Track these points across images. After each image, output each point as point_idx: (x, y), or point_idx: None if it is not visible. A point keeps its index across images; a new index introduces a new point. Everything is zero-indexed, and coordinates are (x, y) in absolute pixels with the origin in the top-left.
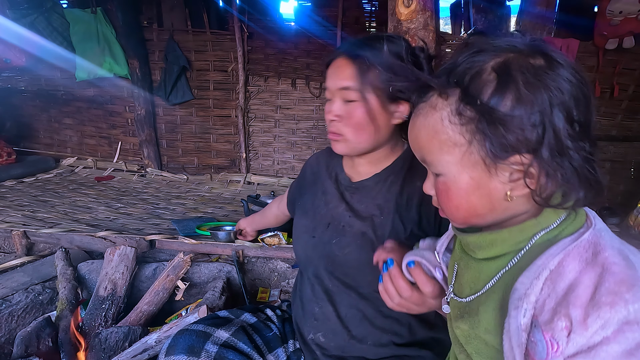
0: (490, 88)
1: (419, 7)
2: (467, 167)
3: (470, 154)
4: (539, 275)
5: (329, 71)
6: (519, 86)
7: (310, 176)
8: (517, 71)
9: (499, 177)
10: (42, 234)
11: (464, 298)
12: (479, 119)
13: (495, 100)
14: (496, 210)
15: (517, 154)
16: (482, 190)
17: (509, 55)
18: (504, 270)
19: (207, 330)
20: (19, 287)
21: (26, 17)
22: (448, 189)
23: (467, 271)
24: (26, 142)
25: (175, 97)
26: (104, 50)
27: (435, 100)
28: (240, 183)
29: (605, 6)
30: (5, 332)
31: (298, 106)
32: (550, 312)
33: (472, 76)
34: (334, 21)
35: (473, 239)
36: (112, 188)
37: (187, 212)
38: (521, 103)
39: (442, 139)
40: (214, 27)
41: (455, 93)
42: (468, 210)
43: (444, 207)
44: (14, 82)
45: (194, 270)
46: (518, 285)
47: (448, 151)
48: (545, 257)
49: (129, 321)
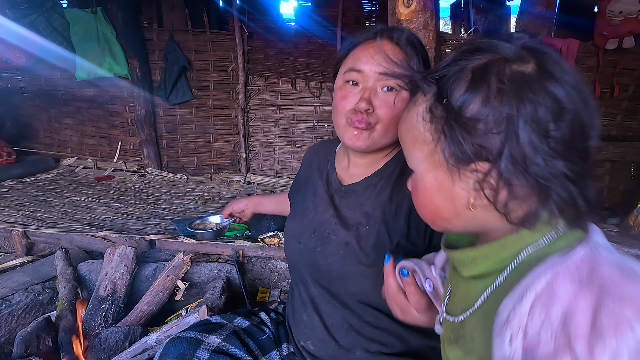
0: (462, 88)
1: (419, 7)
2: (432, 167)
3: (435, 153)
4: (523, 297)
5: (363, 52)
6: (489, 90)
7: (303, 173)
8: (494, 75)
9: (461, 183)
10: (42, 234)
11: (456, 317)
12: (446, 118)
13: (462, 101)
14: (461, 217)
15: (480, 160)
16: (444, 193)
17: (494, 58)
18: (490, 289)
19: (198, 336)
20: (19, 287)
21: (26, 17)
22: (417, 186)
23: (457, 290)
24: (26, 142)
25: (175, 97)
26: (104, 50)
27: (418, 96)
28: (240, 183)
29: (605, 6)
30: (5, 332)
31: (298, 106)
32: (549, 344)
33: (451, 75)
34: (334, 21)
35: (456, 255)
36: (112, 188)
37: (187, 212)
38: (487, 108)
39: (414, 134)
40: (214, 27)
41: (433, 90)
42: (432, 211)
43: (415, 204)
44: (14, 82)
45: (194, 270)
46: (501, 309)
47: (419, 148)
48: (530, 277)
49: (129, 321)
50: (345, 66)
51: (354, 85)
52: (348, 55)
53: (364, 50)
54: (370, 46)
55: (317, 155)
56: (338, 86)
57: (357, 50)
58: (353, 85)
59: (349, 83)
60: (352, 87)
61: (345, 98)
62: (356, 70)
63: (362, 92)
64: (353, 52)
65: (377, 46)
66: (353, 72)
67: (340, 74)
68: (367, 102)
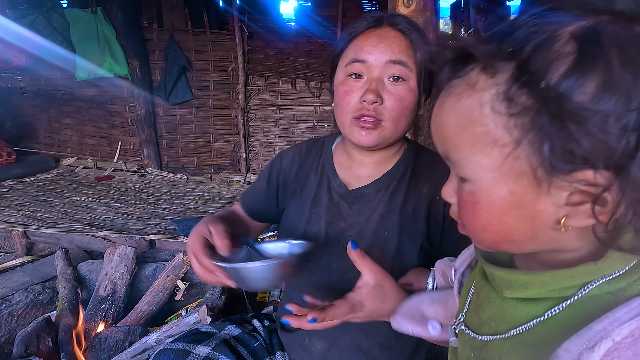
0: (563, 65)
1: (419, 7)
2: (507, 177)
3: (515, 159)
4: (595, 345)
5: (366, 41)
6: (611, 65)
7: (291, 179)
8: (612, 43)
9: (552, 198)
10: (42, 234)
11: (480, 336)
12: (540, 109)
13: (570, 84)
14: (539, 239)
15: (591, 168)
16: (524, 211)
17: (602, 18)
18: (538, 319)
19: (186, 347)
20: (19, 287)
21: (26, 17)
22: (475, 201)
23: (487, 305)
24: (26, 142)
25: (175, 97)
26: (104, 50)
27: (475, 77)
28: (240, 183)
29: None
30: (5, 332)
31: (298, 106)
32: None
33: (538, 44)
34: (334, 21)
35: (501, 274)
36: (112, 188)
37: (187, 212)
38: (611, 92)
39: (477, 133)
40: (214, 27)
41: (507, 69)
42: (499, 233)
43: (467, 223)
44: (14, 82)
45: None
46: (560, 353)
47: (483, 150)
48: (607, 321)
49: (129, 321)
50: (345, 58)
51: (357, 79)
52: (348, 47)
53: (366, 39)
54: (372, 34)
55: (309, 156)
56: (339, 81)
57: (358, 41)
58: (356, 79)
59: (352, 77)
60: (355, 80)
61: (349, 93)
62: (359, 60)
63: (368, 84)
64: (353, 43)
65: (380, 33)
66: (356, 64)
67: (341, 68)
68: (376, 93)
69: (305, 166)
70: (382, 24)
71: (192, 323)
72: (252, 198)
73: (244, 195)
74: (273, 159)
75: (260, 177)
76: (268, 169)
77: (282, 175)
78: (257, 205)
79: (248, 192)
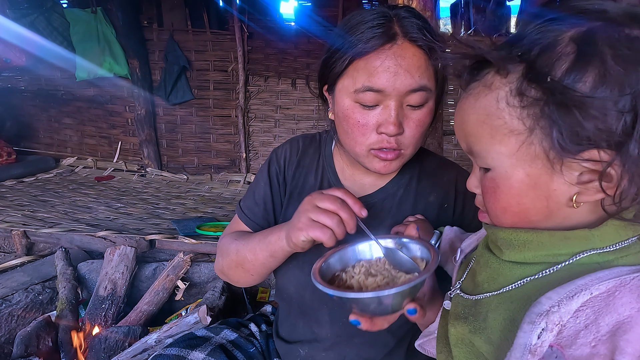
0: (565, 62)
1: (419, 7)
2: (523, 161)
3: (529, 144)
4: (574, 296)
5: (380, 65)
6: (605, 61)
7: (288, 179)
8: (605, 43)
9: (564, 177)
10: (42, 234)
11: (472, 296)
12: (547, 100)
13: (572, 78)
14: (553, 217)
15: (595, 148)
16: (540, 191)
17: (596, 24)
18: (529, 278)
19: (180, 353)
20: (19, 287)
21: (26, 16)
22: (497, 186)
23: (484, 269)
24: (26, 142)
25: (175, 97)
26: (104, 50)
27: (491, 79)
28: (240, 183)
29: None
30: (5, 332)
31: (298, 106)
32: (584, 348)
33: (543, 48)
34: (334, 21)
35: (504, 234)
36: (112, 188)
37: (187, 212)
38: (607, 82)
39: (495, 125)
40: (214, 27)
41: (518, 70)
42: (518, 214)
43: (490, 208)
44: (14, 82)
45: (194, 270)
46: (543, 300)
47: (501, 140)
48: (588, 279)
49: (129, 321)
50: (352, 79)
51: (371, 109)
52: (353, 64)
53: (380, 61)
54: (386, 54)
55: (306, 155)
56: (347, 107)
57: (370, 61)
58: (370, 108)
59: (365, 107)
60: (369, 109)
61: (365, 125)
62: (375, 90)
63: (387, 114)
64: (363, 62)
65: (397, 53)
66: (370, 93)
67: (346, 91)
68: (398, 126)
69: (303, 166)
70: (396, 38)
71: (192, 323)
72: (257, 211)
73: (243, 211)
74: (267, 160)
75: (259, 184)
76: (266, 169)
77: (281, 175)
78: (265, 216)
79: (249, 206)
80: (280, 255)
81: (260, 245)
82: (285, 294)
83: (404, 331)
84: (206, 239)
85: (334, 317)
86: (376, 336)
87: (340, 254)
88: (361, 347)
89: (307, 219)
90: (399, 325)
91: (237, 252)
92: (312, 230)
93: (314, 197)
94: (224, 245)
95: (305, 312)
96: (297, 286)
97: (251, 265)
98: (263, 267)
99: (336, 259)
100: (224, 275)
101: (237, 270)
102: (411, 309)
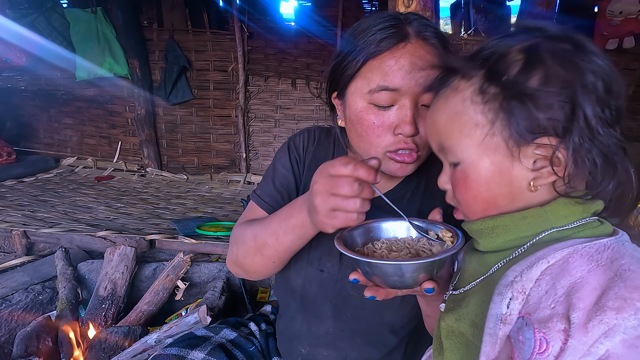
0: (516, 67)
1: (419, 7)
2: (488, 151)
3: (492, 135)
4: (533, 265)
5: (396, 64)
6: (547, 65)
7: (304, 169)
8: (546, 52)
9: (522, 164)
10: (42, 234)
11: (460, 289)
12: (504, 95)
13: (522, 77)
14: (517, 201)
15: (545, 135)
16: (503, 177)
17: (538, 39)
18: (502, 262)
19: (180, 353)
20: (19, 287)
21: (26, 16)
22: (466, 177)
23: (470, 265)
24: (26, 142)
25: (175, 97)
26: (104, 50)
27: (457, 83)
28: (240, 183)
29: (606, 6)
30: (5, 332)
31: (298, 106)
32: (546, 310)
33: (499, 56)
34: (334, 21)
35: (476, 225)
36: (112, 188)
37: (187, 212)
38: (550, 80)
39: (462, 121)
40: (214, 27)
41: (479, 74)
42: (487, 200)
43: (461, 199)
44: (14, 82)
45: (194, 270)
46: (509, 272)
47: (468, 134)
48: (545, 250)
49: (129, 321)
50: (366, 80)
51: (386, 109)
52: (367, 65)
53: (395, 60)
54: (400, 53)
55: (320, 147)
56: (361, 108)
57: (383, 61)
58: (385, 109)
59: (380, 108)
60: (384, 110)
61: (381, 126)
62: (391, 89)
63: (403, 115)
64: (376, 62)
65: (411, 51)
66: (386, 92)
67: (360, 92)
68: (414, 126)
69: (319, 158)
70: (410, 37)
71: (192, 323)
72: (279, 199)
73: (263, 199)
74: (285, 147)
75: (278, 171)
76: (287, 156)
77: (301, 163)
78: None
79: (270, 194)
80: (308, 237)
81: (283, 229)
82: (288, 286)
83: (405, 331)
84: (206, 239)
85: (337, 313)
86: (378, 336)
87: (364, 228)
88: (363, 346)
89: (327, 211)
90: (401, 325)
91: (255, 237)
92: (337, 221)
93: (327, 182)
94: (237, 233)
95: (307, 307)
96: (304, 279)
97: (273, 251)
98: (287, 251)
99: (360, 232)
100: (238, 266)
101: (255, 258)
102: (429, 287)
